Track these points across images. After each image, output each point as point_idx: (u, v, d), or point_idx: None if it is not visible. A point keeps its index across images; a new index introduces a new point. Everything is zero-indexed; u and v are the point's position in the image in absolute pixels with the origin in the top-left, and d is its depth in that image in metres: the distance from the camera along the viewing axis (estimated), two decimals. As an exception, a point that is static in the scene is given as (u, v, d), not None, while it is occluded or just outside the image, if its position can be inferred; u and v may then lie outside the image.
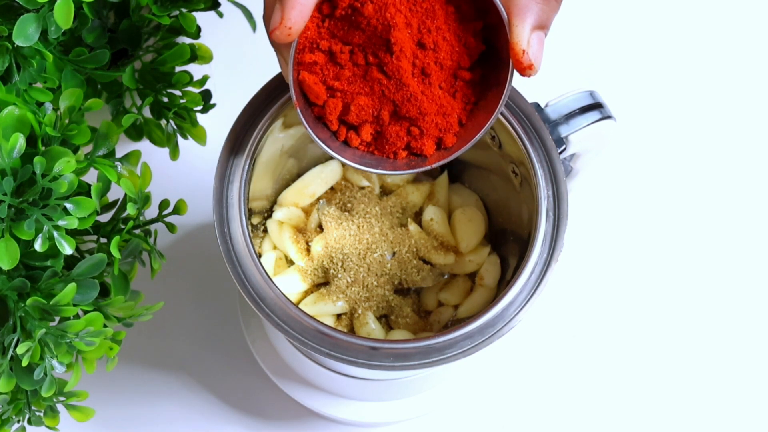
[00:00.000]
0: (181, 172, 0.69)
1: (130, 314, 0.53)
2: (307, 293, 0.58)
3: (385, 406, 0.61)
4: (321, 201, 0.60)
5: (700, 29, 0.76)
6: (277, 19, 0.41)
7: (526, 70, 0.43)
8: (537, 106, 0.53)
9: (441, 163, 0.46)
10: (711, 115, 0.74)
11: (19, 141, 0.47)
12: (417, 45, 0.44)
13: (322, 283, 0.58)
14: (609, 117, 0.53)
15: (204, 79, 0.59)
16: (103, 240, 0.54)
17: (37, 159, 0.47)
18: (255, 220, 0.60)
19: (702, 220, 0.71)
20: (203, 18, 0.65)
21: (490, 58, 0.46)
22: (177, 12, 0.56)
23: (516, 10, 0.43)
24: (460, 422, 0.67)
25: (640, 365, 0.68)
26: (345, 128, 0.46)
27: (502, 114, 0.52)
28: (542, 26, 0.43)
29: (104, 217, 0.58)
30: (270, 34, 0.41)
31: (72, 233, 0.50)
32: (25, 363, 0.48)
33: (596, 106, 0.53)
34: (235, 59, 0.73)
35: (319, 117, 0.46)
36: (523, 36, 0.43)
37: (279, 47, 0.44)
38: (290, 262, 0.59)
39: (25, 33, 0.50)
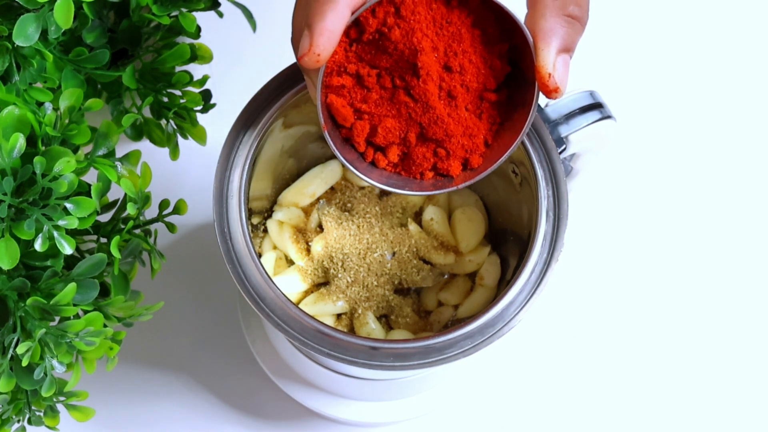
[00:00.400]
0: (181, 172, 0.69)
1: (130, 314, 0.53)
2: (307, 293, 0.58)
3: (385, 406, 0.61)
4: (321, 201, 0.60)
5: (700, 29, 0.76)
6: (306, 45, 0.41)
7: (551, 93, 0.44)
8: (537, 106, 0.53)
9: (467, 183, 0.47)
10: (711, 115, 0.74)
11: (19, 141, 0.47)
12: (443, 68, 0.45)
13: (322, 283, 0.58)
14: (609, 117, 0.53)
15: (204, 79, 0.59)
16: (103, 240, 0.54)
17: (37, 159, 0.47)
18: (255, 220, 0.60)
19: (702, 219, 0.71)
20: (203, 18, 0.65)
21: (515, 78, 0.46)
22: (177, 12, 0.56)
23: (541, 33, 0.43)
24: (460, 422, 0.67)
25: (640, 365, 0.68)
26: (372, 149, 0.47)
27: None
28: (567, 49, 0.44)
29: (104, 217, 0.58)
30: (299, 59, 0.42)
31: (72, 233, 0.50)
32: (25, 363, 0.48)
33: (596, 106, 0.53)
34: (235, 59, 0.73)
35: (346, 138, 0.47)
36: (549, 59, 0.43)
37: (307, 71, 0.44)
38: (290, 262, 0.59)
39: (25, 33, 0.50)
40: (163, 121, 0.60)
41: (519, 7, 0.45)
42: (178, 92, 0.59)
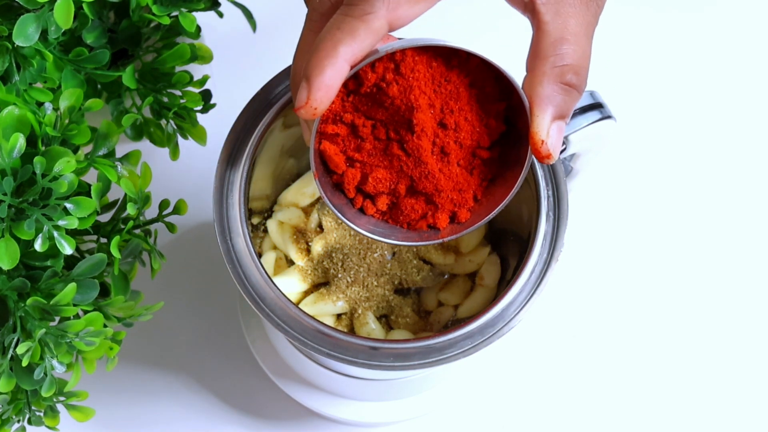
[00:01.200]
0: (181, 172, 0.69)
1: (130, 314, 0.53)
2: (307, 293, 0.58)
3: (385, 406, 0.61)
4: (321, 201, 0.60)
5: (699, 29, 0.76)
6: (303, 98, 0.41)
7: (543, 159, 0.44)
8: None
9: (453, 237, 0.47)
10: (711, 115, 0.74)
11: (19, 141, 0.47)
12: (439, 125, 0.45)
13: (322, 283, 0.58)
14: (609, 117, 0.53)
15: (204, 79, 0.59)
16: (103, 240, 0.54)
17: (37, 159, 0.47)
18: (255, 220, 0.60)
19: (702, 219, 0.71)
20: (203, 18, 0.65)
21: (509, 136, 0.46)
22: (177, 12, 0.56)
23: (538, 99, 0.43)
24: (460, 422, 0.67)
25: (640, 365, 0.68)
26: (362, 197, 0.47)
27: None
28: (562, 116, 0.44)
29: (104, 217, 0.58)
30: (296, 110, 0.42)
31: (72, 233, 0.50)
32: (25, 363, 0.48)
33: (596, 106, 0.53)
34: (235, 59, 0.73)
35: (336, 184, 0.47)
36: (544, 126, 0.43)
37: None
38: (290, 262, 0.59)
39: (25, 33, 0.50)
40: (163, 121, 0.60)
41: (519, 67, 0.45)
42: (178, 92, 0.59)
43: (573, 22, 0.43)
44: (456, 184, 0.46)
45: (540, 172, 0.52)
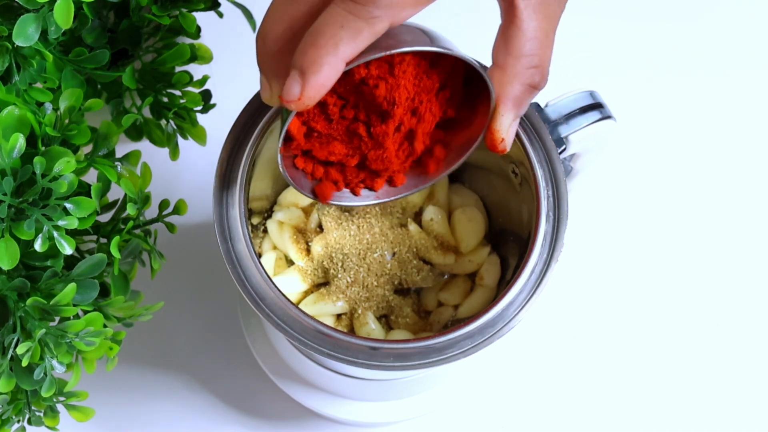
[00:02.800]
0: (181, 172, 0.69)
1: (130, 314, 0.53)
2: (307, 293, 0.58)
3: (385, 406, 0.61)
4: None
5: (699, 29, 0.76)
6: (296, 93, 0.40)
7: (498, 152, 0.46)
8: (537, 106, 0.53)
9: (389, 199, 0.50)
10: (711, 115, 0.74)
11: (19, 141, 0.47)
12: (408, 112, 0.46)
13: (322, 283, 0.58)
14: (609, 117, 0.53)
15: (204, 79, 0.59)
16: (103, 240, 0.54)
17: (37, 159, 0.47)
18: (255, 220, 0.60)
19: (702, 219, 0.71)
20: (203, 18, 0.65)
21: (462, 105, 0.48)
22: (177, 12, 0.56)
23: (506, 99, 0.44)
24: (460, 422, 0.67)
25: (640, 365, 0.68)
26: (312, 163, 0.48)
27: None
28: (520, 113, 0.45)
29: (104, 217, 0.58)
30: (284, 102, 0.41)
31: (72, 233, 0.50)
32: (25, 363, 0.48)
33: (596, 106, 0.53)
34: (235, 59, 0.73)
35: (294, 155, 0.48)
36: (505, 125, 0.45)
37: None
38: (290, 262, 0.59)
39: (25, 33, 0.50)
40: (163, 121, 0.60)
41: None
42: (178, 92, 0.59)
43: (546, 23, 0.43)
44: (403, 161, 0.48)
45: (540, 172, 0.52)
